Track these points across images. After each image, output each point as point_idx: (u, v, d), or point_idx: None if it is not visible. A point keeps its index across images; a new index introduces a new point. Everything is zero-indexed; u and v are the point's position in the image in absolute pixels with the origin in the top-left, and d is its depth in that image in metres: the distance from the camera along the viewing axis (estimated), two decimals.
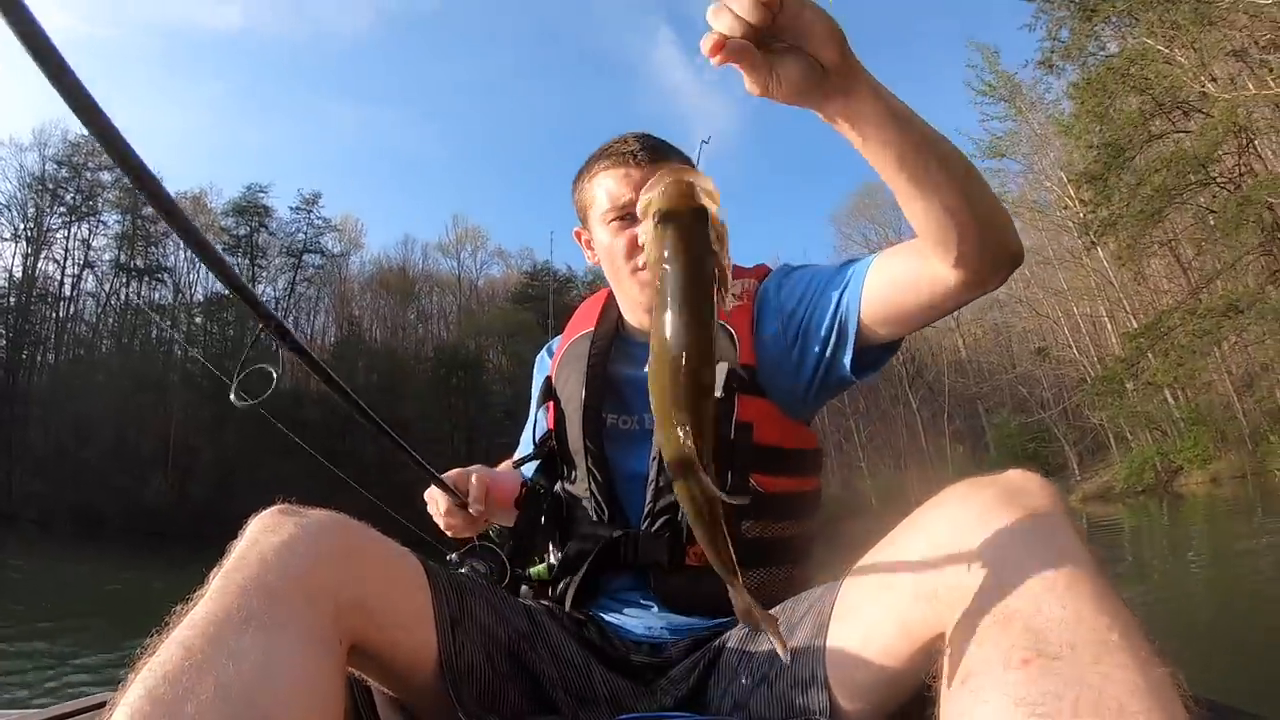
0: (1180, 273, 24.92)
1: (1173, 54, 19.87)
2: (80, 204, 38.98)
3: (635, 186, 1.26)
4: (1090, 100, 20.80)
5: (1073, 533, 0.71)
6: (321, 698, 0.74)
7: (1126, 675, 0.58)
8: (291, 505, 0.90)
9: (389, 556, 0.96)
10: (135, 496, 32.45)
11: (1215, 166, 20.14)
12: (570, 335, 1.46)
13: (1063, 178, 27.08)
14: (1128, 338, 21.74)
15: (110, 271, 40.23)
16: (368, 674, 0.96)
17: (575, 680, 1.07)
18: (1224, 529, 13.16)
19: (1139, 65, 19.95)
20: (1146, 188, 19.47)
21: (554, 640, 1.10)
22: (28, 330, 38.21)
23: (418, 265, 48.92)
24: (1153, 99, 20.40)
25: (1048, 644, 0.62)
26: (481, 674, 0.99)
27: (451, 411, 41.62)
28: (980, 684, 0.64)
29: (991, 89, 29.11)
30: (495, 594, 1.12)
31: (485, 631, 1.03)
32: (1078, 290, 29.04)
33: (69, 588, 14.07)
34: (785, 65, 0.76)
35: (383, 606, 0.90)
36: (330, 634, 0.79)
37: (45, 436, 34.38)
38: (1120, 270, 25.07)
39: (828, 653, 0.92)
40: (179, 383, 37.87)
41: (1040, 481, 0.78)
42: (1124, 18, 20.35)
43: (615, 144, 1.34)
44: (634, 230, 1.26)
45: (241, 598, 0.74)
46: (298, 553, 0.80)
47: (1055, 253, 29.52)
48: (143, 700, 0.65)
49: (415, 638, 0.94)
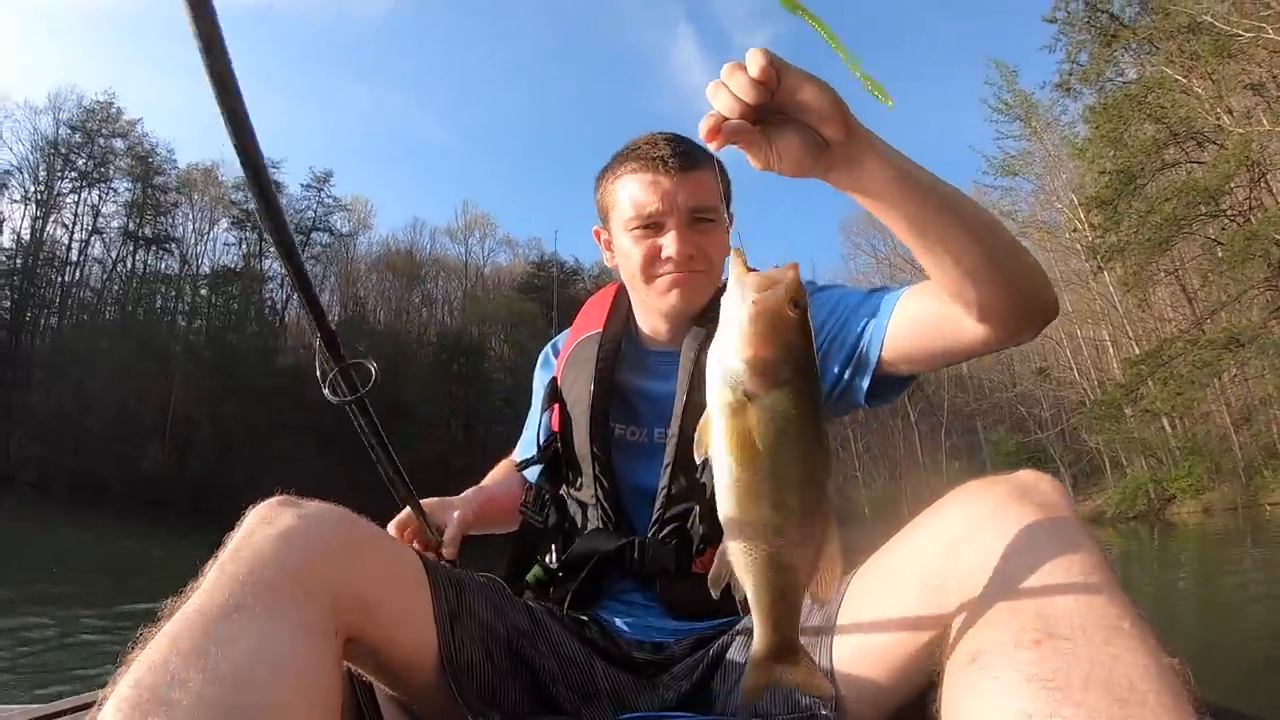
0: (1185, 302, 24.92)
1: (1190, 84, 19.97)
2: (92, 170, 39.00)
3: (663, 196, 1.22)
4: (1105, 125, 20.89)
5: (1082, 530, 0.72)
6: (316, 687, 0.73)
7: (1136, 659, 0.59)
8: (290, 496, 0.89)
9: (388, 551, 0.95)
10: (134, 465, 32.56)
11: (1226, 199, 20.16)
12: (577, 335, 1.41)
13: (1073, 200, 27.18)
14: (1128, 364, 21.84)
15: (118, 238, 40.30)
16: (367, 670, 0.95)
17: (577, 676, 1.07)
18: (1214, 557, 13.22)
19: (1156, 93, 20.01)
20: (1156, 216, 19.53)
21: (555, 638, 1.10)
22: (32, 294, 38.26)
23: (425, 249, 49.10)
24: (1167, 128, 20.42)
25: (1058, 627, 0.62)
26: (482, 670, 0.99)
27: (452, 398, 41.74)
28: (990, 661, 0.64)
29: (1008, 107, 29.31)
30: (495, 591, 1.11)
31: (485, 628, 1.02)
32: (1082, 313, 29.01)
33: (71, 553, 14.10)
34: (785, 140, 0.75)
35: (381, 601, 0.88)
36: (327, 626, 0.78)
37: (47, 400, 34.51)
38: (1125, 296, 25.08)
39: (834, 648, 0.92)
40: (181, 353, 38.01)
41: (1051, 481, 0.78)
42: (1144, 45, 20.41)
43: (644, 146, 1.27)
44: (657, 241, 1.24)
45: (234, 590, 0.73)
46: (295, 545, 0.79)
47: (1062, 274, 29.50)
48: (131, 691, 0.64)
49: (414, 633, 0.94)
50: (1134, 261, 20.63)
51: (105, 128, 38.95)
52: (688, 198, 1.22)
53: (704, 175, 1.23)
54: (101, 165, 39.32)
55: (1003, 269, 0.87)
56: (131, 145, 40.09)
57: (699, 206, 1.23)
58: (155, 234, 41.01)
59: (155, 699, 0.63)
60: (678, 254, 1.21)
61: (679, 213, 1.22)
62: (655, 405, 1.28)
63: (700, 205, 1.23)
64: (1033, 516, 0.72)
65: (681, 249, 1.21)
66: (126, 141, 39.97)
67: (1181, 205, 19.30)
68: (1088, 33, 21.48)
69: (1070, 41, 21.91)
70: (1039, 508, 0.73)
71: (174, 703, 0.62)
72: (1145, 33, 19.92)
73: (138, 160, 39.76)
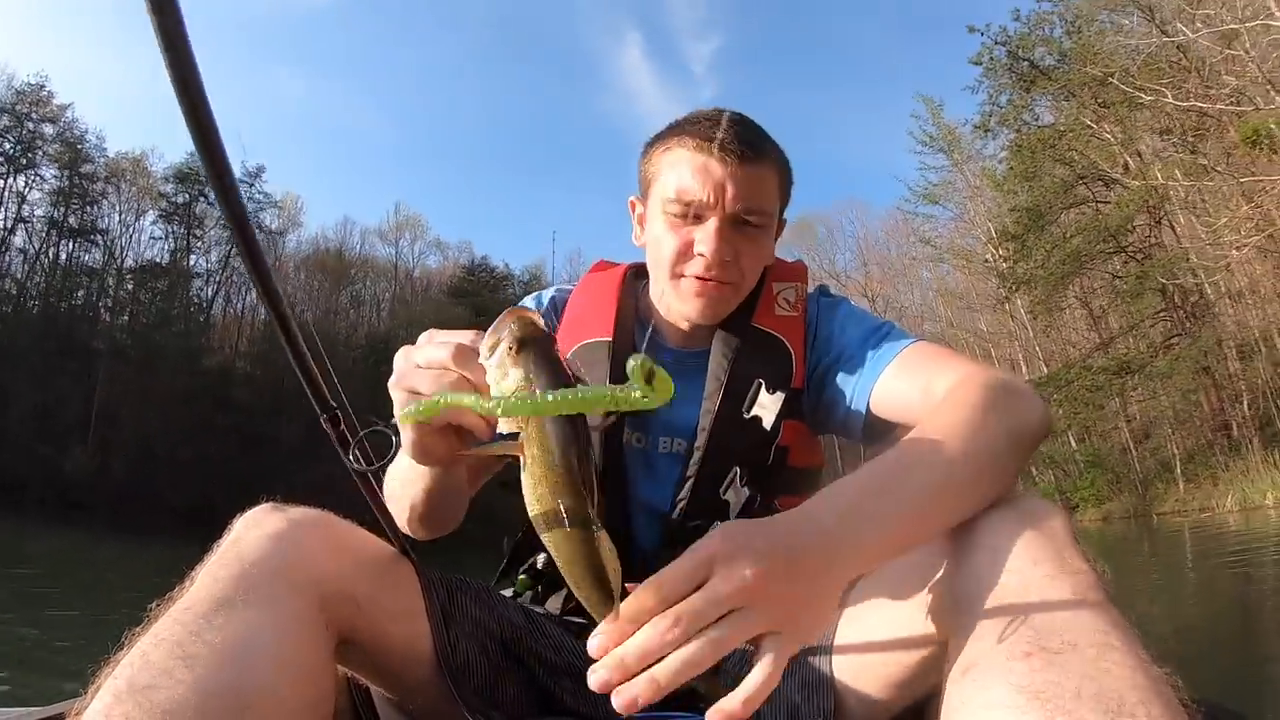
0: (1093, 325, 26.64)
1: (1101, 129, 21.51)
2: (19, 155, 36.96)
3: (712, 185, 1.07)
4: (1019, 166, 22.31)
5: (1078, 549, 0.73)
6: (304, 671, 0.74)
7: (1125, 672, 0.60)
8: (277, 503, 0.89)
9: (377, 552, 0.94)
10: (55, 465, 31.27)
11: (1127, 236, 21.83)
12: (576, 337, 1.23)
13: (990, 229, 28.60)
14: (1035, 384, 22.98)
15: (43, 228, 38.24)
16: (362, 673, 0.95)
17: (580, 665, 1.03)
18: (1115, 561, 14.22)
19: (1068, 137, 21.45)
20: (1061, 251, 21.07)
21: (552, 634, 1.07)
22: None
23: (355, 249, 48.12)
24: (1074, 171, 22.00)
25: (1050, 641, 0.63)
26: (478, 668, 0.97)
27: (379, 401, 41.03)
28: (982, 673, 0.65)
29: (932, 140, 30.74)
30: (486, 592, 1.08)
31: (479, 625, 1.00)
32: (998, 334, 30.51)
33: None
34: None
35: (372, 602, 0.88)
36: (316, 618, 0.79)
37: None
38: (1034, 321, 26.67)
39: (835, 656, 0.92)
40: (105, 351, 36.50)
41: (1049, 502, 0.79)
42: (1061, 91, 21.73)
43: (705, 122, 1.11)
44: (693, 234, 1.10)
45: (220, 589, 0.74)
46: (282, 546, 0.80)
47: (979, 296, 31.02)
48: (118, 687, 0.64)
49: (408, 633, 0.93)
50: (1040, 292, 22.21)
51: (35, 111, 36.90)
52: (738, 193, 1.07)
53: (764, 172, 1.10)
54: (30, 150, 37.25)
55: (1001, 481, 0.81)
56: (61, 130, 38.05)
57: (749, 207, 1.09)
58: (81, 224, 39.08)
59: (135, 688, 0.63)
60: (710, 255, 1.08)
61: (724, 208, 1.08)
62: (664, 410, 1.11)
63: (750, 206, 1.09)
64: (1028, 536, 0.73)
65: (716, 251, 1.08)
66: (56, 127, 37.89)
67: (1086, 242, 20.89)
68: (1009, 77, 22.65)
69: (993, 84, 23.07)
70: (1036, 528, 0.74)
71: (155, 688, 0.63)
72: (1062, 81, 21.13)
73: (66, 146, 37.84)
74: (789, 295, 1.21)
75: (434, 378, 0.68)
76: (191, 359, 38.57)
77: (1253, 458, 19.43)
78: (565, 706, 1.01)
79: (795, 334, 1.18)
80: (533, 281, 43.54)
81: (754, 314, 1.19)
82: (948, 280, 33.27)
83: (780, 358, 1.16)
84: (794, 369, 1.16)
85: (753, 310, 1.20)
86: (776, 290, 1.22)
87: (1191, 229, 21.41)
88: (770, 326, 1.19)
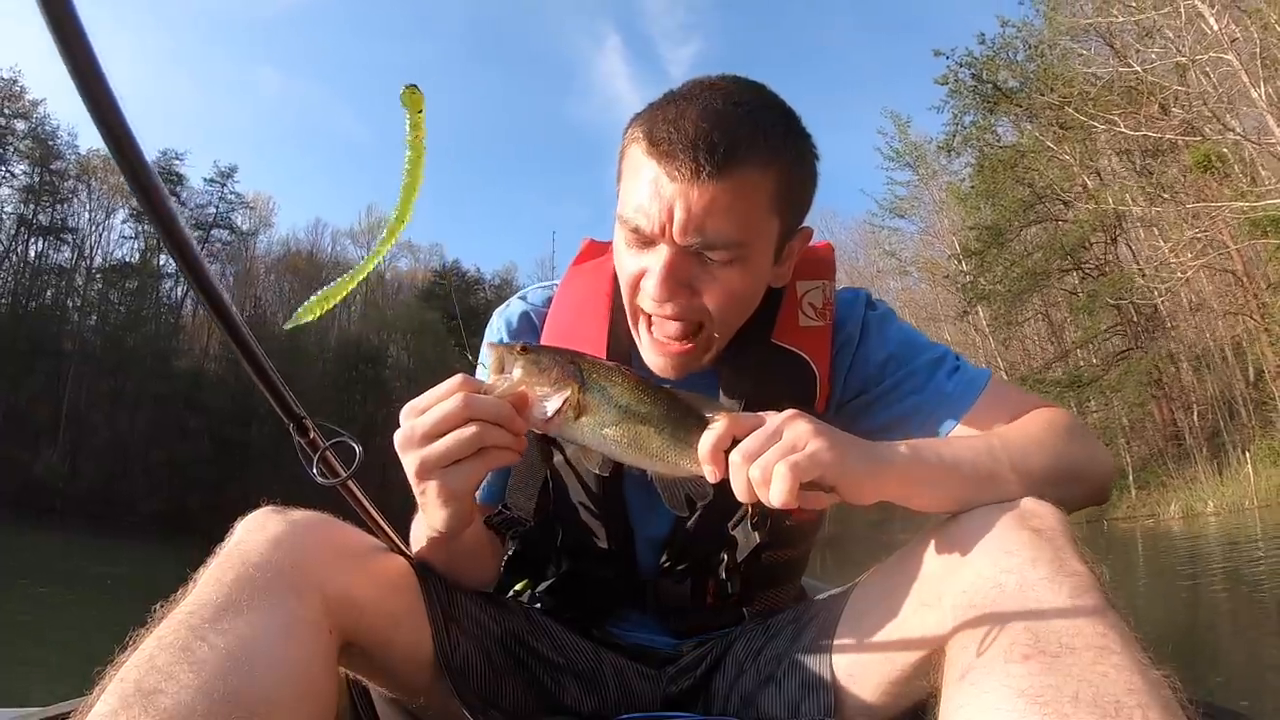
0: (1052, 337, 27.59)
1: (1061, 150, 22.23)
2: None
3: (661, 206, 0.87)
4: (982, 185, 23.11)
5: (1077, 553, 0.73)
6: (305, 676, 0.74)
7: (1123, 675, 0.60)
8: (278, 506, 0.88)
9: (377, 555, 0.94)
10: (27, 469, 30.75)
11: (1084, 254, 22.76)
12: None
13: (954, 242, 29.24)
14: None
15: (12, 226, 37.54)
16: (364, 674, 0.95)
17: (582, 664, 1.05)
18: None
19: (1029, 158, 22.23)
20: (1018, 268, 21.92)
21: (556, 634, 1.06)
22: None
23: (326, 251, 47.83)
24: (1033, 191, 22.74)
25: (1049, 645, 0.63)
26: (479, 669, 0.97)
27: (350, 405, 40.36)
28: (980, 677, 0.65)
29: (899, 155, 30.92)
30: (486, 595, 1.06)
31: (480, 627, 0.99)
32: (960, 344, 31.13)
33: None
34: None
35: (374, 603, 0.87)
36: (318, 621, 0.78)
37: None
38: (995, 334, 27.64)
39: (835, 656, 0.92)
40: (76, 353, 35.96)
41: (1049, 507, 0.79)
42: (1023, 113, 22.50)
43: (671, 114, 0.89)
44: (644, 262, 0.93)
45: (222, 591, 0.74)
46: (283, 548, 0.80)
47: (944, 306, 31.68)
48: (125, 690, 0.64)
49: (409, 635, 0.92)
50: (999, 306, 23.13)
51: (7, 106, 36.31)
52: (689, 221, 0.87)
53: (739, 186, 0.87)
54: (1, 146, 36.73)
55: (1068, 489, 0.87)
56: (33, 127, 37.45)
57: (708, 240, 0.88)
58: (52, 222, 38.41)
59: (141, 692, 0.64)
60: (655, 292, 0.92)
61: (671, 237, 0.88)
62: None
63: (710, 238, 0.88)
64: (1029, 540, 0.73)
65: (661, 286, 0.91)
66: (28, 123, 37.28)
67: (1044, 258, 21.74)
68: (973, 98, 23.17)
69: (957, 105, 23.58)
70: (1035, 531, 0.74)
71: (160, 692, 0.63)
72: (1024, 103, 21.76)
73: (37, 143, 37.24)
74: (815, 299, 1.07)
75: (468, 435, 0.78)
76: (162, 361, 38.23)
77: (1200, 467, 20.33)
78: (566, 706, 1.02)
79: (821, 349, 1.05)
80: (503, 286, 43.58)
81: (774, 327, 1.06)
82: (914, 292, 33.98)
83: (803, 378, 1.05)
84: (817, 390, 1.05)
85: (772, 323, 1.06)
86: (801, 293, 1.08)
87: (1149, 244, 22.20)
88: (792, 343, 1.06)
